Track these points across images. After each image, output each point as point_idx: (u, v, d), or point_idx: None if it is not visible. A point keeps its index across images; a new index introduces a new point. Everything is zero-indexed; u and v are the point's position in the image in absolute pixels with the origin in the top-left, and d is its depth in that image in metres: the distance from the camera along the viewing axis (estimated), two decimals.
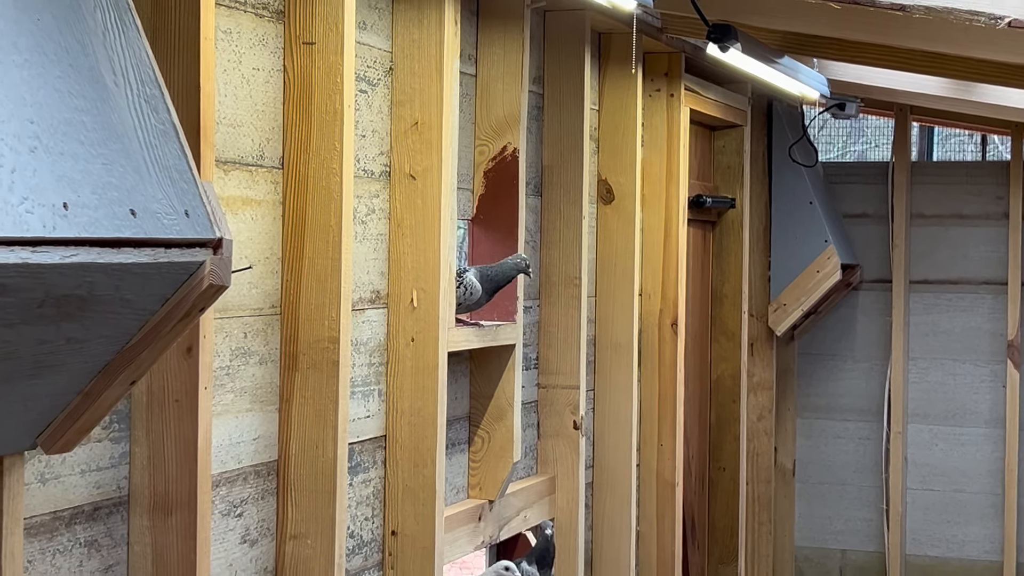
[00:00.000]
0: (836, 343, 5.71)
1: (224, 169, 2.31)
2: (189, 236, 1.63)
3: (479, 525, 3.22)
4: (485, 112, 3.23)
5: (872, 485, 5.69)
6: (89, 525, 2.04)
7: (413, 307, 2.83)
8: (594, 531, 3.93)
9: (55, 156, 1.46)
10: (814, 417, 5.75)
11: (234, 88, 2.34)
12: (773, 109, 5.33)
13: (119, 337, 1.65)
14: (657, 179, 4.15)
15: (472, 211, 3.25)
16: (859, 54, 3.89)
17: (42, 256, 1.41)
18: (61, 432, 1.72)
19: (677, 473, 4.20)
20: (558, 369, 3.64)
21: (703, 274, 4.91)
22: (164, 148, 1.64)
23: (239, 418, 2.38)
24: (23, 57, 1.47)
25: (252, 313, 2.41)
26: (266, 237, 2.44)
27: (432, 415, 2.82)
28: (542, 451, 3.67)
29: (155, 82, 1.67)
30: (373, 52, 2.76)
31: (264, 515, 2.46)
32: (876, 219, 5.66)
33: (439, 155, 2.81)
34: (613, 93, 3.91)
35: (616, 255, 3.91)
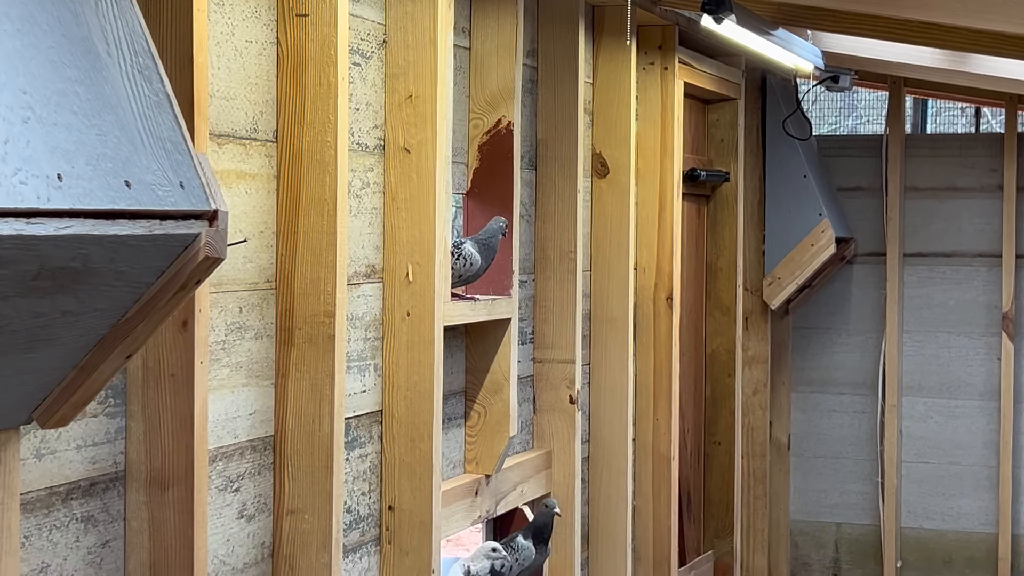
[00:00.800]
0: (831, 316, 5.71)
1: (218, 143, 2.30)
2: (184, 208, 1.62)
3: (476, 500, 3.21)
4: (479, 85, 3.22)
5: (867, 458, 5.70)
6: (86, 500, 2.03)
7: (408, 281, 2.81)
8: (590, 505, 3.93)
9: (48, 127, 1.45)
10: (809, 391, 5.75)
11: (227, 61, 2.32)
12: (767, 82, 5.31)
13: (114, 310, 1.64)
14: (651, 153, 4.14)
15: (467, 185, 3.24)
16: (854, 25, 3.88)
17: (36, 228, 1.39)
18: (57, 406, 1.71)
19: (673, 447, 4.19)
20: (554, 343, 3.63)
21: (697, 248, 4.90)
22: (158, 119, 1.62)
23: (235, 393, 2.37)
24: (15, 27, 1.45)
25: (247, 287, 2.40)
26: (260, 211, 2.43)
27: (428, 390, 2.81)
28: (538, 425, 3.67)
29: (148, 52, 1.65)
30: (367, 24, 2.74)
31: (261, 490, 2.45)
32: (870, 192, 5.65)
33: (433, 128, 2.79)
34: (607, 66, 3.89)
35: (611, 229, 3.90)
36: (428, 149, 2.79)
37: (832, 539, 5.75)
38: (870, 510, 5.70)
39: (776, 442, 5.64)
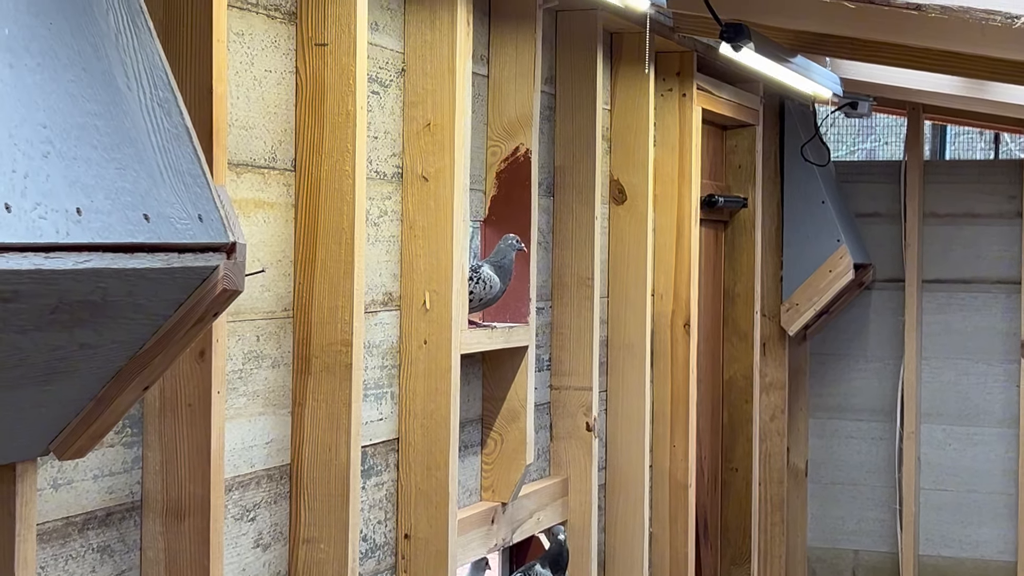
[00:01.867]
0: (849, 343, 5.69)
1: (236, 171, 2.30)
2: (202, 241, 1.62)
3: (492, 527, 3.20)
4: (497, 113, 3.22)
5: (885, 485, 5.67)
6: (102, 530, 2.03)
7: (426, 309, 2.81)
8: (607, 533, 3.91)
9: (68, 161, 1.45)
10: (826, 417, 5.73)
11: (246, 90, 2.32)
12: (785, 108, 5.31)
13: (132, 342, 1.64)
14: (669, 179, 4.13)
15: (484, 212, 3.24)
16: (873, 53, 3.87)
17: (55, 262, 1.40)
18: (74, 438, 1.71)
19: (690, 474, 4.18)
20: (571, 370, 3.62)
21: (715, 274, 4.89)
22: (177, 152, 1.62)
23: (252, 422, 2.37)
24: (36, 61, 1.45)
25: (265, 316, 2.40)
26: (278, 240, 2.43)
27: (445, 417, 2.81)
28: (555, 453, 3.66)
29: (168, 85, 1.66)
30: (385, 53, 2.75)
31: (277, 519, 2.45)
32: (889, 218, 5.63)
33: (451, 156, 2.79)
34: (625, 93, 3.89)
35: (628, 255, 3.90)
36: (446, 177, 2.79)
37: (850, 566, 5.72)
38: (888, 537, 5.67)
39: (793, 468, 5.62)
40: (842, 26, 3.40)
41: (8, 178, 1.36)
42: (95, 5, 1.58)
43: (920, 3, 2.62)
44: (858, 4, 2.71)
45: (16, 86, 1.41)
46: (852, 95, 5.00)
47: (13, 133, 1.39)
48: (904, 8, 2.65)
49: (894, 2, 2.64)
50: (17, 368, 1.50)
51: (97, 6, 1.58)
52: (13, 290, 1.37)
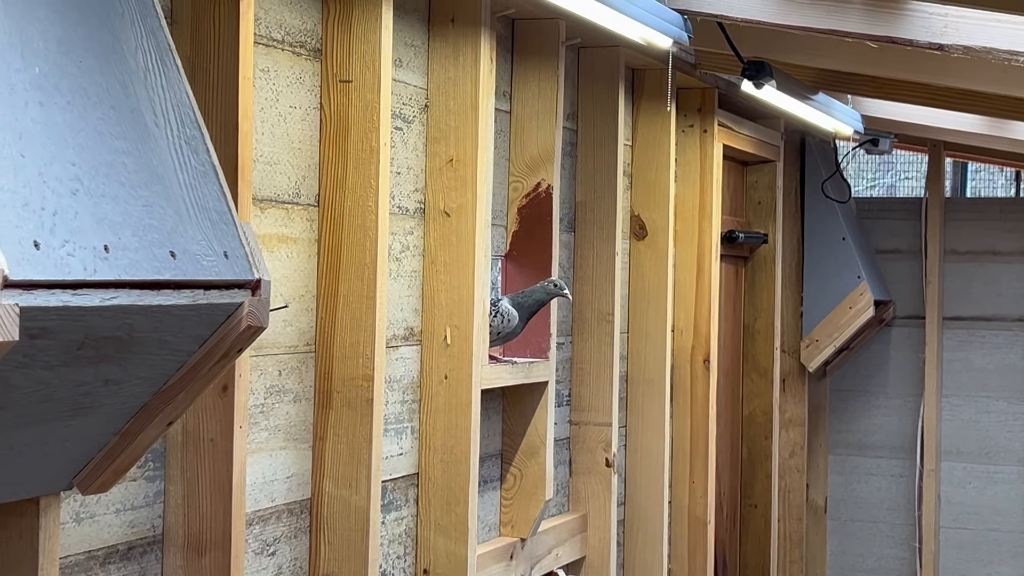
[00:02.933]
0: (869, 379, 5.67)
1: (260, 207, 2.31)
2: (228, 277, 1.63)
3: (511, 563, 3.20)
4: (519, 149, 3.23)
5: (904, 523, 5.64)
6: (123, 564, 2.03)
7: (446, 344, 2.82)
8: (625, 569, 3.90)
9: (96, 198, 1.46)
10: (846, 454, 5.71)
11: (271, 126, 2.34)
12: (806, 144, 5.31)
13: (157, 378, 1.65)
14: (690, 215, 4.14)
15: (506, 247, 3.25)
16: (894, 91, 3.88)
17: (83, 299, 1.41)
18: (98, 473, 1.72)
19: (709, 510, 4.17)
20: (590, 406, 3.62)
21: (735, 310, 4.89)
22: (204, 189, 1.64)
23: (273, 456, 2.38)
24: (65, 99, 1.47)
25: (287, 351, 2.41)
26: (301, 275, 2.44)
27: (465, 453, 2.81)
28: (574, 488, 3.65)
29: (195, 123, 1.67)
30: (409, 89, 2.76)
31: (297, 554, 2.45)
32: (909, 255, 5.62)
33: (474, 192, 2.80)
34: (646, 129, 3.90)
35: (649, 291, 3.90)
36: (468, 213, 2.80)
37: None
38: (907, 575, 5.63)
39: (813, 505, 5.60)
40: (864, 65, 3.41)
41: (37, 216, 1.37)
42: (124, 43, 1.60)
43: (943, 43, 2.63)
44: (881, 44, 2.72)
45: (46, 124, 1.43)
46: (873, 132, 5.01)
47: (43, 171, 1.40)
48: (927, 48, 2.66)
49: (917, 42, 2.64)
50: (43, 403, 1.51)
51: (126, 44, 1.60)
52: (41, 327, 1.38)
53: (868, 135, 4.98)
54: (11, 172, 1.36)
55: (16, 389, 1.44)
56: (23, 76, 1.41)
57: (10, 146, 1.36)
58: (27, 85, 1.41)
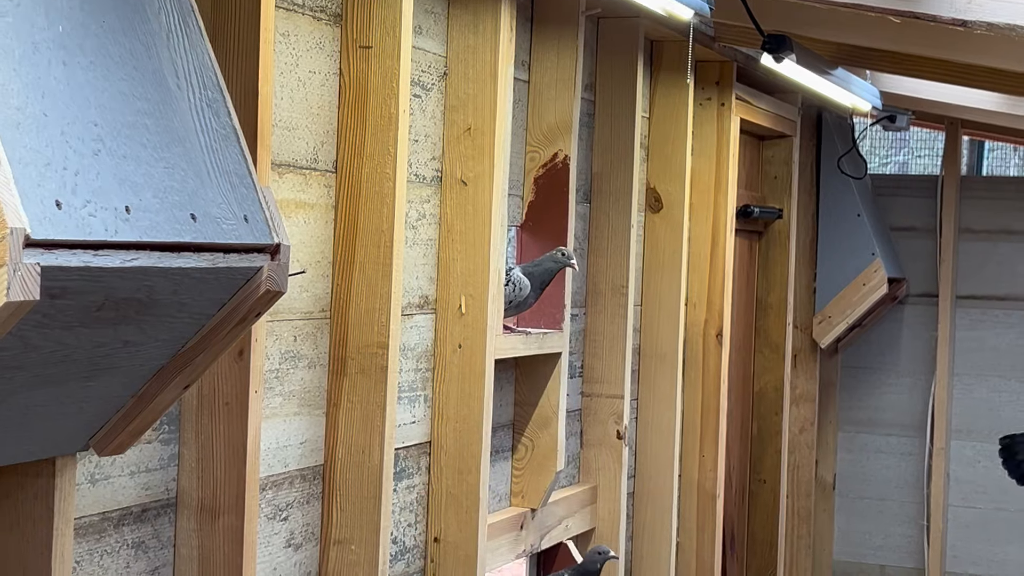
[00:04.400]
0: (880, 357, 5.66)
1: (278, 172, 2.31)
2: (248, 241, 1.62)
3: (521, 533, 3.20)
4: (537, 118, 3.22)
5: (913, 501, 5.64)
6: (137, 527, 2.03)
7: (461, 313, 2.81)
8: (634, 541, 3.90)
9: (118, 159, 1.46)
10: (856, 431, 5.71)
11: (290, 91, 2.33)
12: (823, 120, 5.29)
13: (175, 341, 1.65)
14: (705, 188, 4.12)
15: (521, 217, 3.24)
16: (915, 67, 3.86)
17: (104, 260, 1.40)
18: (114, 434, 1.72)
19: (718, 485, 4.17)
20: (603, 378, 3.62)
21: (748, 284, 4.87)
22: (225, 152, 1.63)
23: (287, 422, 2.38)
24: (88, 59, 1.46)
25: (302, 317, 2.40)
26: (318, 241, 2.43)
27: (477, 422, 2.81)
28: (584, 460, 3.65)
29: (217, 86, 1.66)
30: (428, 57, 2.75)
31: (309, 519, 2.45)
32: (924, 233, 5.60)
33: (491, 161, 2.79)
34: (664, 101, 3.88)
35: (663, 264, 3.89)
36: (485, 182, 2.79)
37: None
38: (915, 553, 5.64)
39: (821, 482, 5.60)
40: (885, 40, 3.39)
41: (59, 175, 1.37)
42: (147, 4, 1.59)
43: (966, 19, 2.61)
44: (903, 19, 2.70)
45: (69, 83, 1.42)
46: (891, 108, 4.98)
47: (65, 130, 1.39)
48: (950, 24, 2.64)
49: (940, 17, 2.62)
50: (61, 364, 1.51)
51: (149, 5, 1.59)
52: (62, 287, 1.38)
53: (885, 111, 4.95)
54: (34, 131, 1.35)
55: (35, 349, 1.44)
56: (46, 34, 1.41)
57: (33, 105, 1.36)
58: (50, 44, 1.41)
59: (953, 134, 5.53)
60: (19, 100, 1.35)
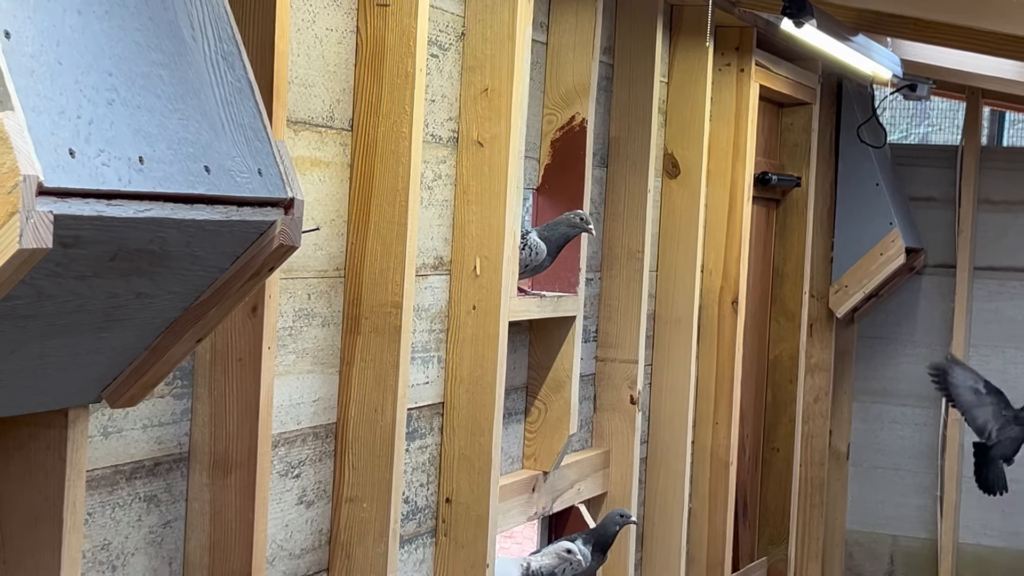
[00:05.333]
0: (896, 327, 5.65)
1: (294, 129, 2.30)
2: (261, 195, 1.62)
3: (533, 496, 3.21)
4: (555, 81, 3.20)
5: (926, 471, 5.64)
6: (149, 480, 2.04)
7: (476, 275, 2.81)
8: (646, 506, 3.91)
9: (132, 109, 1.45)
10: (871, 401, 5.70)
11: (307, 48, 2.32)
12: (843, 88, 5.26)
13: (188, 294, 1.65)
14: (723, 155, 4.10)
15: (537, 180, 3.23)
16: (936, 34, 3.83)
17: (117, 209, 1.40)
18: (127, 387, 1.72)
19: (731, 452, 4.17)
20: (617, 343, 3.61)
21: (765, 252, 4.86)
22: (239, 105, 1.63)
23: (300, 379, 2.38)
24: (103, 8, 1.46)
25: (316, 275, 2.40)
26: (333, 199, 2.43)
27: (491, 384, 2.81)
28: (597, 425, 3.65)
29: (232, 39, 1.66)
30: (446, 16, 2.74)
31: (321, 477, 2.46)
32: (943, 203, 5.58)
33: (508, 123, 2.78)
34: (683, 66, 3.87)
35: (679, 230, 3.88)
36: (501, 143, 2.78)
37: (888, 551, 5.69)
38: (927, 524, 5.63)
39: (835, 451, 5.59)
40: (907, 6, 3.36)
41: (73, 124, 1.36)
42: None
43: None
44: None
45: (84, 32, 1.42)
46: (912, 77, 4.95)
47: (79, 79, 1.39)
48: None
49: None
50: (74, 314, 1.51)
51: None
52: (74, 235, 1.38)
53: (906, 80, 4.92)
54: (48, 79, 1.35)
55: (48, 298, 1.44)
56: None
57: (48, 53, 1.35)
58: None
59: (974, 104, 5.49)
60: (33, 48, 1.34)
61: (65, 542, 1.73)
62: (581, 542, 3.23)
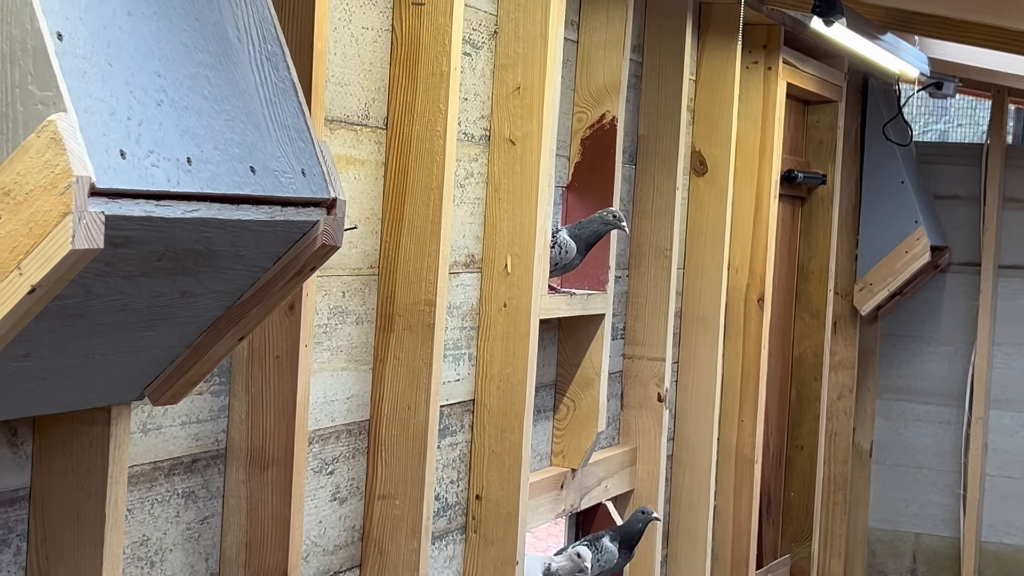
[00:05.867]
0: (920, 325, 5.64)
1: (330, 128, 2.31)
2: (305, 195, 1.63)
3: (561, 493, 3.21)
4: (585, 79, 3.21)
5: (950, 470, 5.63)
6: (187, 476, 2.06)
7: (507, 273, 2.82)
8: (672, 504, 3.91)
9: (180, 110, 1.46)
10: (894, 399, 5.69)
11: (343, 47, 2.33)
12: (869, 85, 5.25)
13: (231, 293, 1.66)
14: (750, 153, 4.10)
15: (568, 178, 3.24)
16: (964, 33, 3.82)
17: (165, 210, 1.41)
18: (169, 385, 1.73)
19: (756, 449, 4.17)
20: (644, 340, 3.62)
21: (790, 250, 4.86)
22: (283, 106, 1.64)
23: (334, 376, 2.39)
24: (152, 9, 1.47)
25: (351, 272, 2.41)
26: (367, 197, 2.44)
27: (521, 381, 2.81)
28: (625, 422, 3.66)
29: (276, 39, 1.67)
30: (479, 15, 2.74)
31: (354, 474, 2.47)
32: (968, 201, 5.57)
33: (539, 121, 2.79)
34: (711, 64, 3.86)
35: (707, 228, 3.88)
36: (533, 142, 2.79)
37: (910, 549, 5.69)
38: (950, 522, 5.63)
39: (858, 449, 5.59)
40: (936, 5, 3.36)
41: (124, 125, 1.37)
42: None
43: None
44: None
45: (133, 34, 1.43)
46: (937, 75, 4.94)
47: (129, 80, 1.40)
48: None
49: None
50: (120, 313, 1.52)
51: None
52: (124, 236, 1.39)
53: (932, 78, 4.91)
54: (99, 80, 1.36)
55: (96, 297, 1.45)
56: None
57: (99, 54, 1.37)
58: None
59: (999, 102, 5.48)
60: (85, 49, 1.35)
61: (107, 538, 1.74)
62: (608, 539, 3.24)
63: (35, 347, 1.46)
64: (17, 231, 1.30)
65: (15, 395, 1.55)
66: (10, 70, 1.31)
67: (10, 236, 1.30)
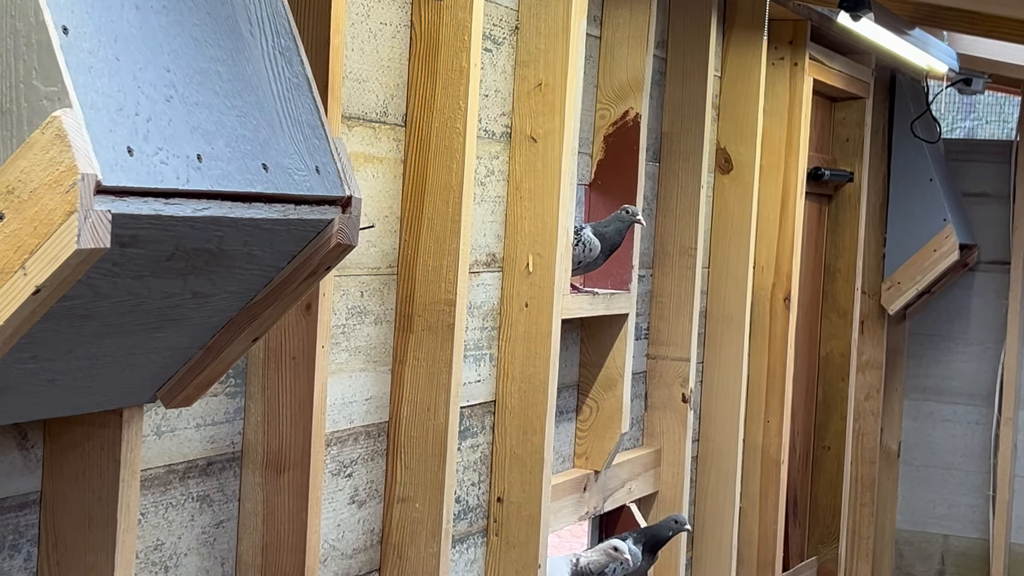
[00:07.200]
0: (949, 324, 5.57)
1: (348, 125, 2.28)
2: (319, 193, 1.59)
3: (584, 495, 3.17)
4: (608, 76, 3.16)
5: (979, 471, 5.56)
6: (202, 480, 2.02)
7: (528, 272, 2.78)
8: (697, 505, 3.87)
9: (190, 106, 1.43)
10: (922, 399, 5.63)
11: (361, 42, 2.29)
12: (896, 82, 5.19)
13: (244, 293, 1.62)
14: (776, 150, 4.05)
15: (590, 176, 3.19)
16: (993, 28, 3.76)
17: (175, 208, 1.38)
18: (182, 387, 1.70)
19: (783, 450, 4.12)
20: (669, 340, 3.57)
21: (816, 248, 4.80)
22: (297, 102, 1.60)
23: (352, 378, 2.36)
24: (161, 3, 1.43)
25: (369, 272, 2.38)
26: (386, 196, 2.40)
27: (543, 382, 2.77)
28: (648, 423, 3.61)
29: (290, 34, 1.63)
30: (500, 10, 2.70)
31: (373, 476, 2.43)
32: (997, 199, 5.50)
33: (561, 118, 2.74)
34: (736, 60, 3.81)
35: (732, 226, 3.83)
36: (555, 139, 2.75)
37: (938, 551, 5.63)
38: (979, 523, 5.56)
39: (886, 449, 5.53)
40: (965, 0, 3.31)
41: (131, 121, 1.34)
42: None
43: None
44: None
45: (142, 28, 1.39)
46: (966, 71, 4.88)
47: (137, 76, 1.37)
48: None
49: None
50: (130, 314, 1.49)
51: None
52: (132, 235, 1.35)
53: (961, 74, 4.85)
54: (106, 75, 1.32)
55: (105, 298, 1.42)
56: None
57: (106, 48, 1.33)
58: None
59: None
60: (91, 43, 1.32)
61: (119, 543, 1.71)
62: (631, 541, 3.19)
63: (43, 349, 1.43)
64: (21, 230, 1.27)
65: (24, 397, 1.52)
66: (14, 65, 1.27)
67: (14, 235, 1.27)
